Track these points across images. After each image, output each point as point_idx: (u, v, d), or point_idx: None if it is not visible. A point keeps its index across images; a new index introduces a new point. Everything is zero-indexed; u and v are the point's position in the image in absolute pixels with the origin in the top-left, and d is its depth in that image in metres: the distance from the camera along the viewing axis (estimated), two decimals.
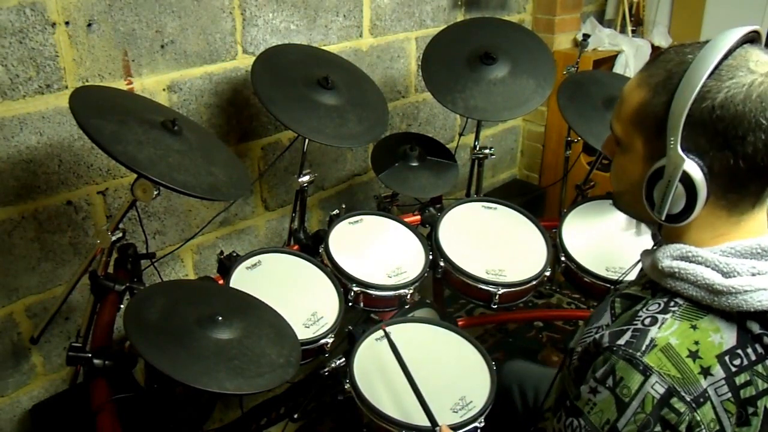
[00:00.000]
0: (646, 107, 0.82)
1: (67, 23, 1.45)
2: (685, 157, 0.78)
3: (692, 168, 0.78)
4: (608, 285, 1.61)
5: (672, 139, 0.78)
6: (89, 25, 1.49)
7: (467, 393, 1.32)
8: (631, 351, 0.78)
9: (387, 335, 1.31)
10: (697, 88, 0.76)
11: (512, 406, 1.39)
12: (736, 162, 0.76)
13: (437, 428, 1.16)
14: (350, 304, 1.55)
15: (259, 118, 1.92)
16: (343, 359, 1.46)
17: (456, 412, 1.28)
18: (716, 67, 0.76)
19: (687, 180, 0.78)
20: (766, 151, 0.76)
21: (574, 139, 2.22)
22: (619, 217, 1.82)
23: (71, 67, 1.49)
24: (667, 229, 0.89)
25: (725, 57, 0.77)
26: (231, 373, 1.08)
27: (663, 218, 0.83)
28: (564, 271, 1.73)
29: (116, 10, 1.52)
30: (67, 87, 1.49)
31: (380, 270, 1.62)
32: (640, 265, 0.95)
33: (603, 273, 1.64)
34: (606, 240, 1.75)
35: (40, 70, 1.44)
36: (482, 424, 1.27)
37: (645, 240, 1.71)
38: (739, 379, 0.77)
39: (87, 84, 1.52)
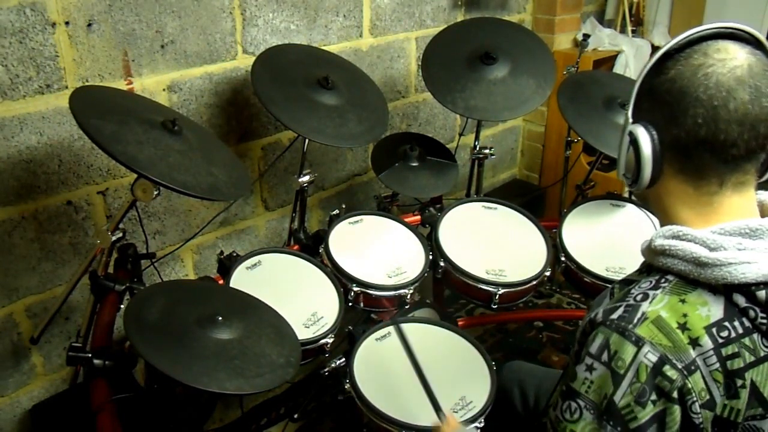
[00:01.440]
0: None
1: (67, 23, 1.45)
2: (631, 119, 0.88)
3: (639, 132, 0.86)
4: (608, 285, 1.60)
5: (627, 105, 0.90)
6: (89, 25, 1.49)
7: (467, 393, 1.32)
8: (623, 324, 0.81)
9: (398, 328, 1.31)
10: (652, 62, 0.86)
11: (512, 406, 1.39)
12: (680, 134, 0.83)
13: (441, 414, 1.16)
14: (350, 304, 1.56)
15: (259, 118, 1.92)
16: (343, 359, 1.46)
17: (456, 412, 1.28)
18: (678, 50, 0.84)
19: (634, 142, 0.87)
20: (707, 127, 0.80)
21: (574, 139, 2.22)
22: (619, 217, 1.82)
23: (71, 67, 1.49)
24: (656, 209, 0.94)
25: (691, 43, 0.84)
26: (231, 373, 1.08)
27: (619, 177, 0.93)
28: (564, 271, 1.73)
29: (116, 10, 1.52)
30: (67, 87, 1.49)
31: (380, 270, 1.62)
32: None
33: (603, 273, 1.64)
34: (606, 240, 1.75)
35: (40, 70, 1.44)
36: (482, 424, 1.27)
37: (646, 239, 1.71)
38: (726, 351, 0.79)
39: (87, 84, 1.52)
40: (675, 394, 0.77)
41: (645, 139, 0.86)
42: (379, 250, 1.68)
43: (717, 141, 0.80)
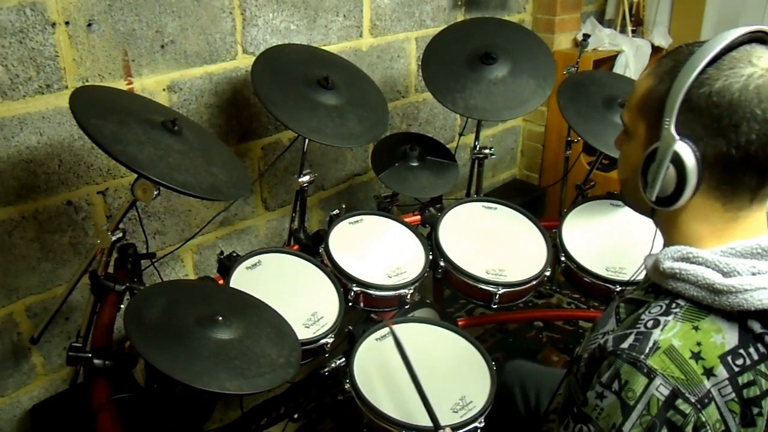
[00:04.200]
0: (651, 93, 0.84)
1: (67, 23, 1.45)
2: (676, 137, 0.79)
3: (683, 149, 0.79)
4: (608, 285, 1.61)
5: (667, 120, 0.80)
6: (89, 25, 1.49)
7: (467, 393, 1.32)
8: (634, 354, 0.78)
9: (393, 332, 1.31)
10: (695, 72, 0.78)
11: (513, 406, 1.39)
12: (728, 150, 0.77)
13: (441, 431, 1.16)
14: (350, 304, 1.55)
15: (259, 118, 1.92)
16: (343, 359, 1.46)
17: (456, 412, 1.28)
18: (718, 57, 0.78)
19: (678, 161, 0.80)
20: (759, 143, 0.76)
21: (574, 139, 2.22)
22: (619, 217, 1.82)
23: (71, 67, 1.49)
24: (665, 224, 0.89)
25: (729, 49, 0.78)
26: (231, 373, 1.08)
27: (653, 199, 0.85)
28: (564, 271, 1.73)
29: (116, 10, 1.52)
30: (67, 87, 1.49)
31: (380, 270, 1.62)
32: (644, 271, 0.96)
33: (603, 273, 1.64)
34: (606, 240, 1.75)
35: (40, 70, 1.44)
36: (482, 424, 1.27)
37: (646, 239, 1.71)
38: (742, 379, 0.77)
39: (87, 84, 1.52)
40: (689, 429, 0.75)
41: (690, 158, 0.79)
42: (379, 250, 1.68)
43: (765, 156, 0.77)
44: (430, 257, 1.68)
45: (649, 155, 0.84)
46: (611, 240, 1.74)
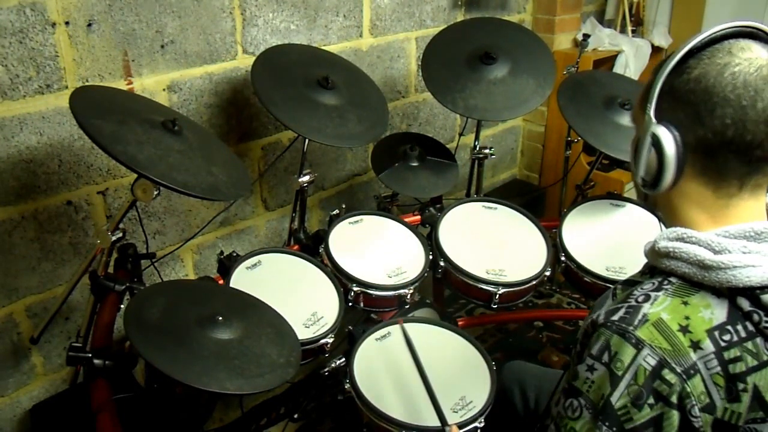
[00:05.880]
0: (647, 85, 0.88)
1: (67, 23, 1.45)
2: (654, 120, 0.84)
3: (663, 133, 0.83)
4: (608, 285, 1.61)
5: (648, 105, 0.85)
6: (89, 25, 1.49)
7: (467, 393, 1.32)
8: (624, 325, 0.81)
9: (403, 330, 1.31)
10: (674, 61, 0.82)
11: (513, 406, 1.39)
12: (705, 135, 0.81)
13: (447, 428, 1.16)
14: (350, 304, 1.56)
15: (259, 118, 1.92)
16: (343, 359, 1.46)
17: (456, 412, 1.28)
18: (700, 48, 0.82)
19: (657, 144, 0.84)
20: (734, 128, 0.79)
21: (574, 139, 2.22)
22: (619, 217, 1.82)
23: (71, 67, 1.49)
24: (664, 210, 0.93)
25: (713, 42, 0.82)
26: (231, 373, 1.08)
27: (639, 181, 0.90)
28: (564, 271, 1.73)
29: (116, 10, 1.52)
30: (67, 87, 1.49)
31: (380, 270, 1.62)
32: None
33: (603, 273, 1.64)
34: (606, 240, 1.75)
35: (40, 70, 1.44)
36: (482, 424, 1.28)
37: (646, 239, 1.71)
38: (728, 354, 0.78)
39: (87, 84, 1.52)
40: (674, 399, 0.77)
41: (668, 141, 0.83)
42: (379, 250, 1.68)
43: (743, 142, 0.79)
44: (430, 257, 1.68)
45: (636, 141, 0.89)
46: (611, 240, 1.75)
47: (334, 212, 1.73)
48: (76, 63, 1.49)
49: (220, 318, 1.16)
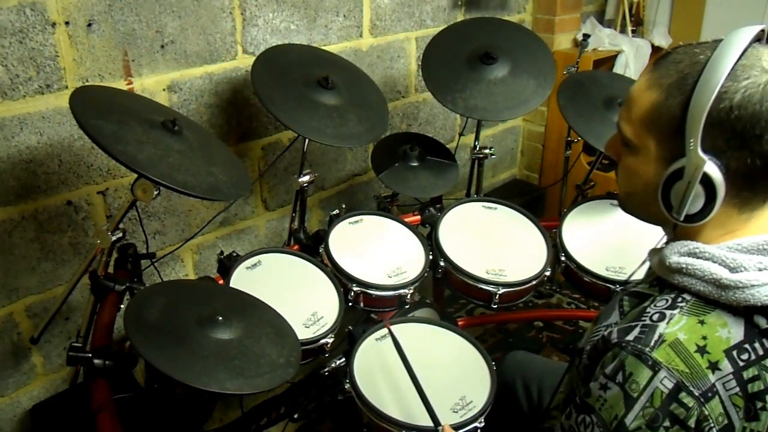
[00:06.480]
0: (659, 108, 0.82)
1: (67, 23, 1.45)
2: (705, 157, 0.78)
3: (712, 169, 0.79)
4: (608, 285, 1.61)
5: (692, 140, 0.78)
6: (89, 25, 1.49)
7: (467, 393, 1.32)
8: (640, 347, 0.79)
9: (391, 333, 1.31)
10: (717, 89, 0.76)
11: (515, 399, 1.39)
12: (753, 161, 0.78)
13: (440, 428, 1.16)
14: (350, 304, 1.56)
15: (259, 118, 1.92)
16: (343, 359, 1.46)
17: (456, 412, 1.28)
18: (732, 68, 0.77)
19: (707, 181, 0.79)
20: None
21: (574, 139, 2.22)
22: (619, 217, 1.82)
23: (71, 67, 1.49)
24: (680, 229, 0.89)
25: (739, 57, 0.77)
26: (231, 373, 1.08)
27: (681, 219, 0.84)
28: (564, 271, 1.72)
29: (116, 10, 1.52)
30: (67, 87, 1.49)
31: (380, 270, 1.62)
32: (647, 264, 0.96)
33: (603, 273, 1.64)
34: (606, 240, 1.75)
35: (40, 70, 1.44)
36: (482, 424, 1.27)
37: (645, 239, 1.71)
38: (747, 374, 0.78)
39: (87, 84, 1.52)
40: (692, 422, 0.76)
41: (717, 175, 0.79)
42: (379, 250, 1.68)
43: None
44: (430, 257, 1.68)
45: (672, 175, 0.82)
46: (611, 240, 1.74)
47: (334, 212, 1.73)
48: (76, 63, 1.49)
49: (220, 318, 1.16)
